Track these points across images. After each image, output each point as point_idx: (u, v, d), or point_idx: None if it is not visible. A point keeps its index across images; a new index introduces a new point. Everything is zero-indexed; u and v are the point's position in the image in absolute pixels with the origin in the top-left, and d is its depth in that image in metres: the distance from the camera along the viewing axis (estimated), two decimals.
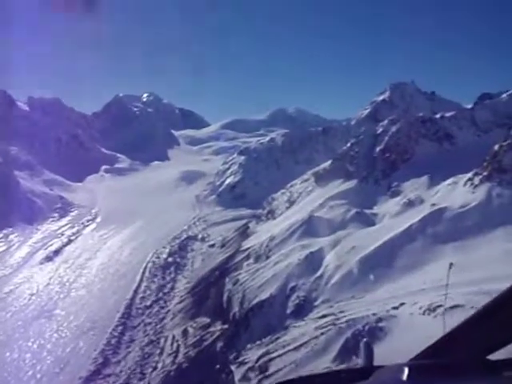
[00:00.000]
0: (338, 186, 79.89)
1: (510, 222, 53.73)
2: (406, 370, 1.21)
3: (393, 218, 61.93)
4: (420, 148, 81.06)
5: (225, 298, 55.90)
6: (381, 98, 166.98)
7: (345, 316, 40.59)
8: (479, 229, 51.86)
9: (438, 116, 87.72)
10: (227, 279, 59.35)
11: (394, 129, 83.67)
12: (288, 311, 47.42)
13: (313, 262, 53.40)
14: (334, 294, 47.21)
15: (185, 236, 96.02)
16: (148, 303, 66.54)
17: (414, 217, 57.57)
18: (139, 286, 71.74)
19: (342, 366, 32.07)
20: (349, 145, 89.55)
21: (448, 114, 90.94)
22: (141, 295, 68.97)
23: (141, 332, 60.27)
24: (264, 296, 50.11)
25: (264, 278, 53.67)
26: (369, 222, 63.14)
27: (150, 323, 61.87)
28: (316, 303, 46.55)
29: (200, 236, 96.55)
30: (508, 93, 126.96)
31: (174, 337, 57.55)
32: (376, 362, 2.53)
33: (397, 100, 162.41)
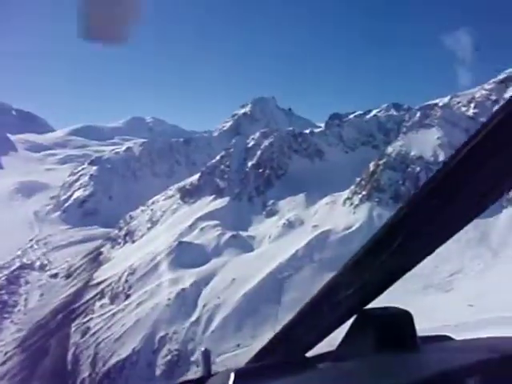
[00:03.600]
0: (208, 203, 71.29)
1: None
2: (232, 376, 1.31)
3: (273, 241, 55.47)
4: (293, 164, 77.39)
5: (70, 355, 41.86)
6: (242, 111, 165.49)
7: None
8: None
9: (307, 131, 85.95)
10: (73, 327, 45.52)
11: (266, 143, 78.82)
12: (157, 372, 36.58)
13: (186, 301, 43.45)
14: (215, 343, 37.92)
15: (17, 264, 76.84)
16: None
17: (297, 241, 51.82)
18: None
19: None
20: (218, 158, 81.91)
21: (317, 130, 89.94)
22: None
23: None
24: (125, 353, 38.29)
25: (124, 326, 41.73)
26: (246, 246, 55.66)
27: None
28: (193, 358, 36.66)
29: (38, 263, 78.20)
30: (355, 114, 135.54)
31: None
32: None
33: (258, 114, 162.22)
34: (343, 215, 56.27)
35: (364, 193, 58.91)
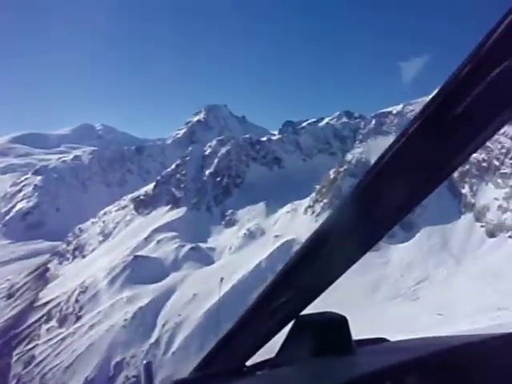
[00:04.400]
0: (164, 214, 68.02)
1: None
2: None
3: (234, 253, 53.29)
4: (251, 172, 75.61)
5: None
6: (196, 118, 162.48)
7: None
8: None
9: (264, 139, 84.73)
10: (15, 356, 40.94)
11: (223, 150, 76.56)
12: None
13: (144, 320, 40.28)
14: (177, 365, 35.15)
15: None
16: None
17: (260, 251, 49.98)
18: None
19: None
20: (174, 166, 78.68)
21: (275, 138, 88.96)
22: None
23: None
24: (76, 383, 34.65)
25: (75, 353, 37.89)
26: (206, 259, 53.13)
27: None
28: None
29: None
30: (308, 121, 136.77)
31: None
32: None
33: (212, 121, 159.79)
34: (305, 224, 55.05)
35: (325, 201, 58.07)
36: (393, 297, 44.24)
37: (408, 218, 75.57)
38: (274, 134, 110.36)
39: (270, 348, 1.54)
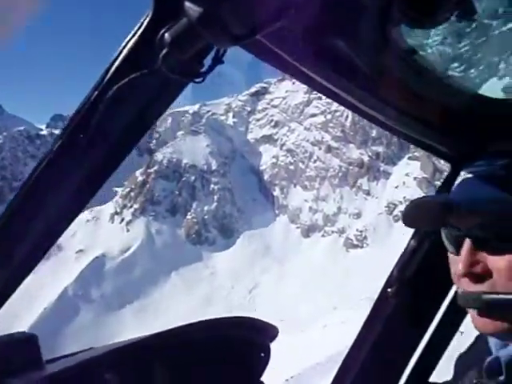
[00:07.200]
0: None
1: (183, 264, 45.04)
2: None
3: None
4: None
5: None
6: None
7: None
8: (154, 279, 40.16)
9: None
10: None
11: None
12: None
13: None
14: None
15: None
16: None
17: (62, 273, 39.30)
18: None
19: None
20: None
21: (43, 132, 74.96)
22: None
23: None
24: None
25: None
26: None
27: None
28: None
29: None
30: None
31: None
32: None
33: None
34: (115, 234, 46.40)
35: (136, 206, 50.29)
36: (229, 310, 40.31)
37: (226, 224, 74.13)
38: (42, 129, 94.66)
39: None
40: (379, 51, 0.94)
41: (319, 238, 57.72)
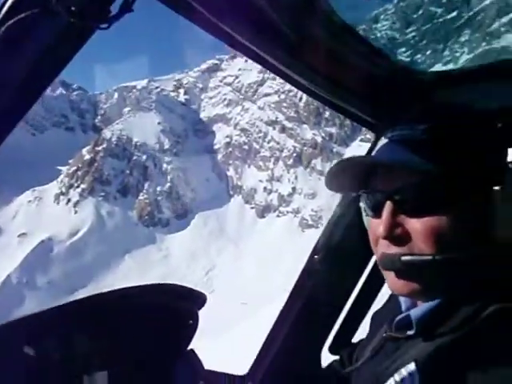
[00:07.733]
0: None
1: (136, 247, 43.46)
2: None
3: None
4: None
5: None
6: None
7: None
8: (106, 263, 38.51)
9: None
10: None
11: None
12: None
13: None
14: None
15: None
16: None
17: (4, 260, 36.84)
18: None
19: None
20: None
21: None
22: None
23: None
24: None
25: None
26: None
27: None
28: None
29: None
30: None
31: None
32: None
33: None
34: (61, 216, 44.07)
35: (84, 186, 48.03)
36: None
37: (180, 205, 71.60)
38: None
39: None
40: (302, 13, 0.91)
41: (274, 218, 57.68)
